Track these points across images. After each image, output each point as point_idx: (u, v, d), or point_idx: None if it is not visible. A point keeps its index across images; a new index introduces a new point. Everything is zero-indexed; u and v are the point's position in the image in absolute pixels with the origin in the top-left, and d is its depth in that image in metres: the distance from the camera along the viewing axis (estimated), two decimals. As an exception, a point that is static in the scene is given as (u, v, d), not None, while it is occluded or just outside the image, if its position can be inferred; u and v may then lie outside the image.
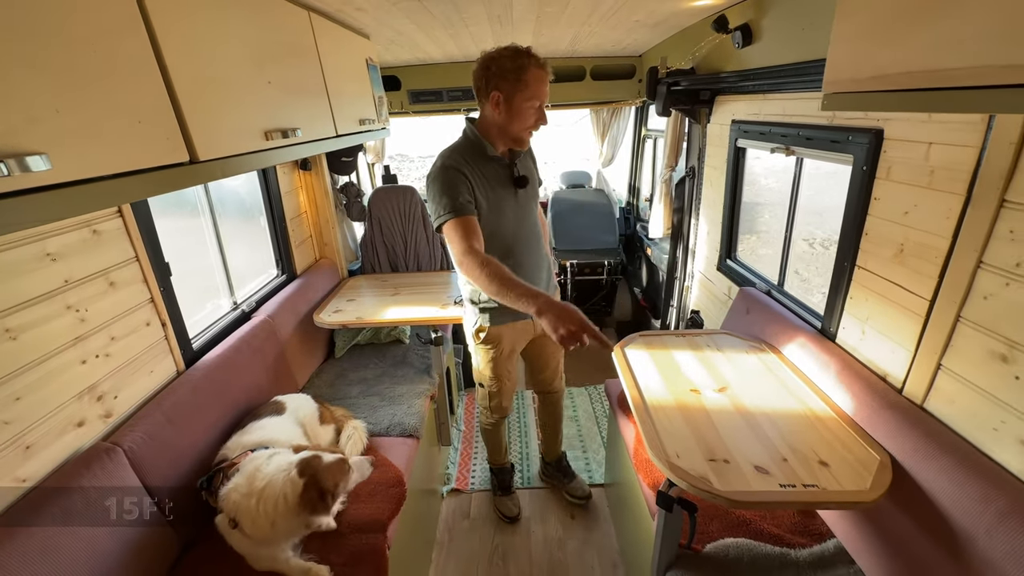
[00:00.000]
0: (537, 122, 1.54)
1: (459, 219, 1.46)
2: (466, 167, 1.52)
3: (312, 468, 1.25)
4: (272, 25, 1.28)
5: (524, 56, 1.46)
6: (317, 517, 1.23)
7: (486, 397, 1.97)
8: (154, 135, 0.81)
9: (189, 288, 1.62)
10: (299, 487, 1.21)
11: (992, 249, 0.98)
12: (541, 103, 1.51)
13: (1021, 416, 0.94)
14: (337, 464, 1.29)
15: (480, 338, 1.77)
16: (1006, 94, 0.53)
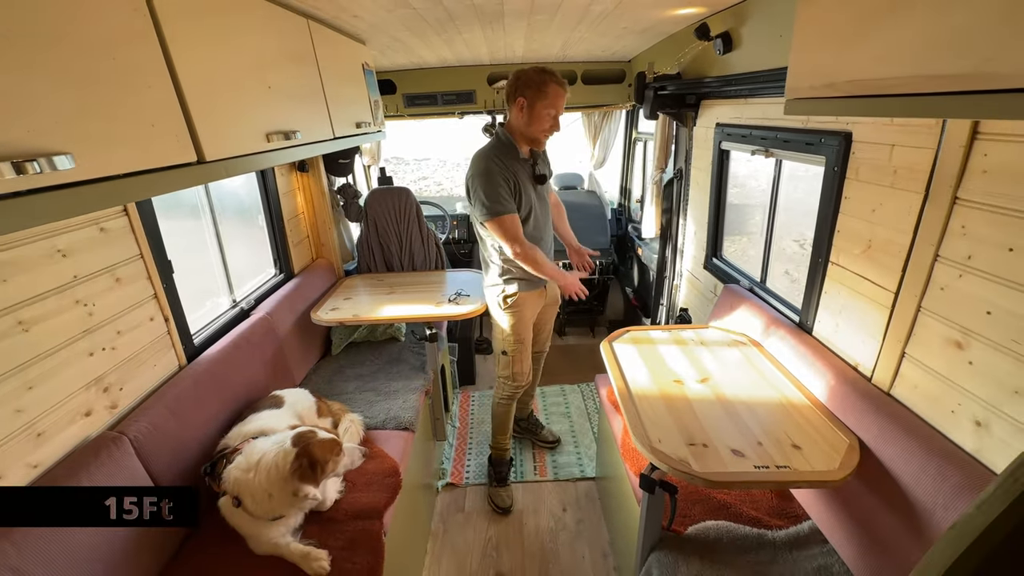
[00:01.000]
0: (551, 128, 1.85)
1: (508, 216, 1.81)
2: (505, 168, 1.83)
3: (304, 440, 1.32)
4: (273, 32, 1.34)
5: (548, 74, 1.78)
6: (305, 485, 1.26)
7: (508, 365, 2.14)
8: (166, 137, 0.86)
9: (190, 286, 1.67)
10: (291, 455, 1.28)
11: (947, 243, 1.06)
12: (557, 112, 1.82)
13: (974, 398, 1.01)
14: (329, 442, 1.35)
15: (508, 303, 2.02)
16: (935, 100, 0.60)
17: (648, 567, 1.32)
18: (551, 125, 1.83)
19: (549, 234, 2.08)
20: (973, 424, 1.02)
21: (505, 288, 2.00)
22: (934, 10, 0.58)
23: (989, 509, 0.44)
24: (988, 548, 0.44)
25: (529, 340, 2.14)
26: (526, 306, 2.05)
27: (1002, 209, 0.93)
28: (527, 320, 2.09)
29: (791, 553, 1.29)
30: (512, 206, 1.82)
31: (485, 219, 1.82)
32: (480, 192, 1.80)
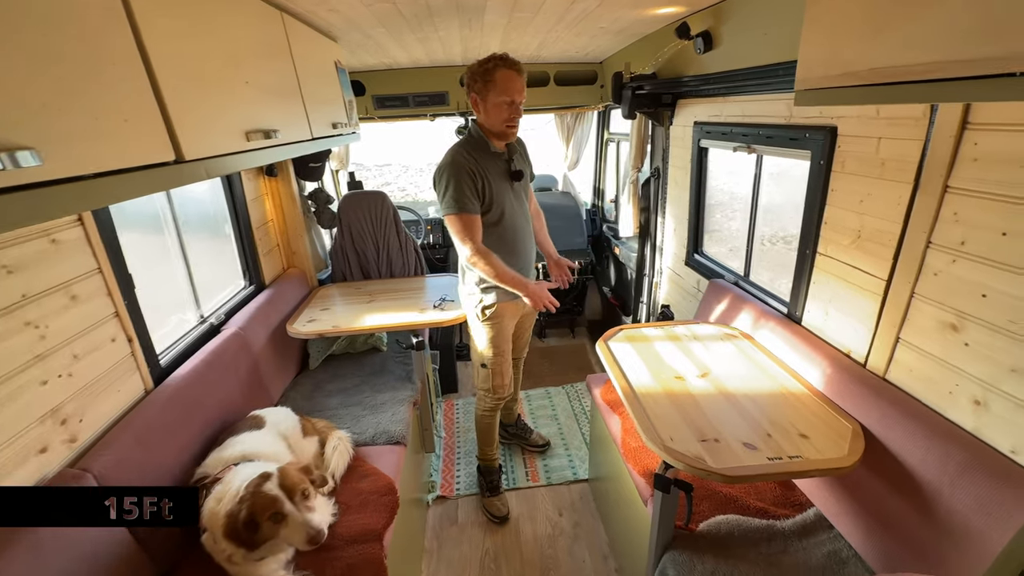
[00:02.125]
0: (511, 116, 1.72)
1: (464, 216, 1.70)
2: (474, 163, 1.72)
3: (252, 488, 1.14)
4: (247, 24, 1.24)
5: (494, 59, 1.67)
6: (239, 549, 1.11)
7: (488, 377, 2.05)
8: (141, 133, 0.77)
9: (152, 302, 1.53)
10: (235, 502, 1.12)
11: (939, 230, 1.10)
12: (512, 100, 1.69)
13: (971, 378, 1.05)
14: (267, 500, 1.14)
15: (486, 315, 1.92)
16: (963, 85, 0.61)
17: (662, 567, 1.30)
18: (509, 114, 1.70)
19: (530, 241, 1.95)
20: (972, 403, 1.06)
21: (483, 298, 1.89)
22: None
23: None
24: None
25: (509, 351, 2.06)
26: (505, 316, 1.95)
27: (994, 195, 0.97)
28: (507, 331, 2.00)
29: (800, 541, 1.30)
30: (474, 205, 1.70)
31: (443, 213, 1.74)
32: (442, 185, 1.71)
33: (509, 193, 1.82)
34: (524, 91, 1.71)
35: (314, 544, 1.15)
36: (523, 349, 2.33)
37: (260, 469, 1.23)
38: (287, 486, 1.18)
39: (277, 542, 1.16)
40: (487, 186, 1.74)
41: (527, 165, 1.96)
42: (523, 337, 2.27)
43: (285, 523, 1.14)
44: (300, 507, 1.16)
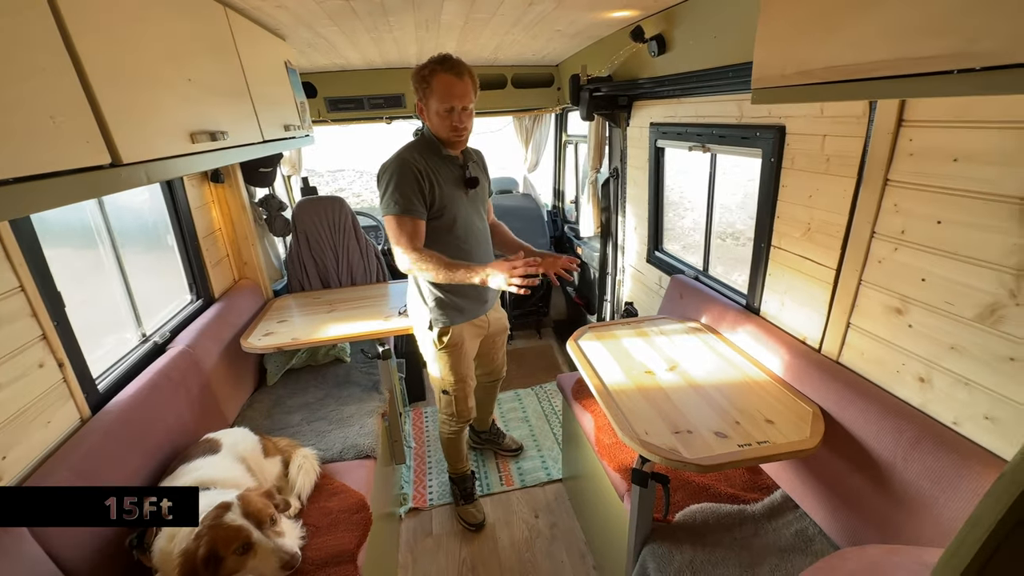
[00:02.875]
0: (455, 125, 1.58)
1: (405, 218, 1.56)
2: (422, 163, 1.60)
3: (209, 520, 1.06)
4: (188, 18, 1.16)
5: (432, 63, 1.53)
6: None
7: (451, 403, 1.94)
8: (71, 134, 0.69)
9: (85, 322, 1.39)
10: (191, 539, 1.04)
11: (882, 221, 1.17)
12: (455, 106, 1.55)
13: (916, 358, 1.13)
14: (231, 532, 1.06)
15: (443, 342, 1.78)
16: (916, 81, 0.65)
17: (642, 560, 1.32)
18: (452, 123, 1.56)
19: (488, 252, 1.81)
20: (917, 381, 1.13)
21: (434, 319, 1.73)
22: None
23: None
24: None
25: (471, 375, 1.92)
26: (465, 340, 1.80)
27: (929, 187, 1.05)
28: (467, 355, 1.85)
29: (770, 523, 1.36)
30: (417, 208, 1.56)
31: (383, 214, 1.59)
32: (384, 183, 1.57)
33: (463, 200, 1.69)
34: (469, 95, 1.56)
35: (289, 569, 1.08)
36: (500, 370, 2.19)
37: (216, 499, 1.14)
38: (252, 513, 1.10)
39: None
40: (436, 189, 1.60)
41: (484, 177, 1.82)
42: (496, 358, 2.12)
43: (253, 553, 1.06)
44: (268, 533, 1.08)
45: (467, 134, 1.66)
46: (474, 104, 1.62)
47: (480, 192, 1.77)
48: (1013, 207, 0.90)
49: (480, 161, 1.85)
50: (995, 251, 0.94)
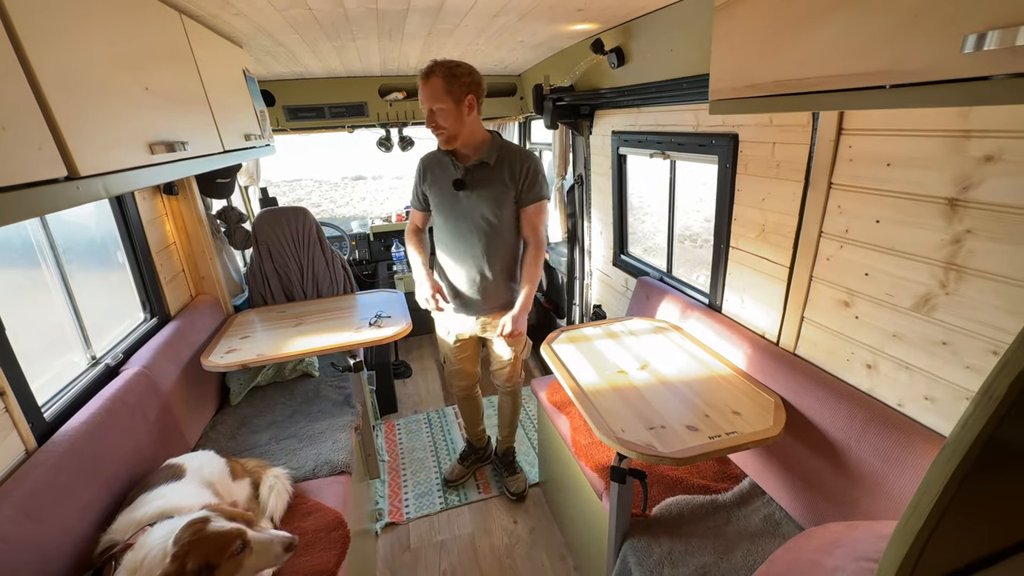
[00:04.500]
0: (431, 126, 1.73)
1: (412, 208, 2.01)
2: (431, 161, 1.88)
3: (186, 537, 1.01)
4: (143, 25, 1.11)
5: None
6: None
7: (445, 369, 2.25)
8: (23, 145, 0.65)
9: (26, 346, 1.29)
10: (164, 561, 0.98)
11: (828, 221, 1.27)
12: (424, 108, 1.70)
13: (863, 346, 1.23)
14: (220, 538, 1.03)
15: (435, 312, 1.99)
16: (852, 95, 0.72)
17: (623, 555, 1.35)
18: (428, 123, 1.71)
19: (469, 255, 1.87)
20: (865, 368, 1.23)
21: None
22: (849, 19, 0.69)
23: (972, 426, 0.52)
24: (975, 455, 0.51)
25: (453, 361, 2.18)
26: (440, 320, 2.09)
27: (867, 189, 1.15)
28: (445, 335, 2.12)
29: (740, 510, 1.42)
30: (417, 201, 1.96)
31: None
32: None
33: (454, 199, 1.81)
34: (435, 96, 1.64)
35: (292, 551, 1.09)
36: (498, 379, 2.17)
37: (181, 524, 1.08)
38: (236, 516, 1.08)
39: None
40: (430, 188, 1.86)
41: (502, 186, 1.77)
42: (493, 364, 2.16)
43: (250, 551, 1.04)
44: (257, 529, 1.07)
45: (446, 133, 1.71)
46: (448, 105, 1.65)
47: (478, 196, 1.79)
48: (939, 206, 1.00)
49: (511, 168, 1.77)
50: (926, 246, 1.04)
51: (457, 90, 1.65)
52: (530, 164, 1.78)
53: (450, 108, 1.66)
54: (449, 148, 1.77)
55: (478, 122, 1.76)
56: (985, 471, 0.52)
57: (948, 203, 0.98)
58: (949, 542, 0.48)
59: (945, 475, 0.51)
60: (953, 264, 0.99)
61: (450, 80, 1.63)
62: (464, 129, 1.72)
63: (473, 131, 1.75)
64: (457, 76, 1.64)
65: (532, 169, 1.78)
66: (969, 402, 0.40)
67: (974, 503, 0.48)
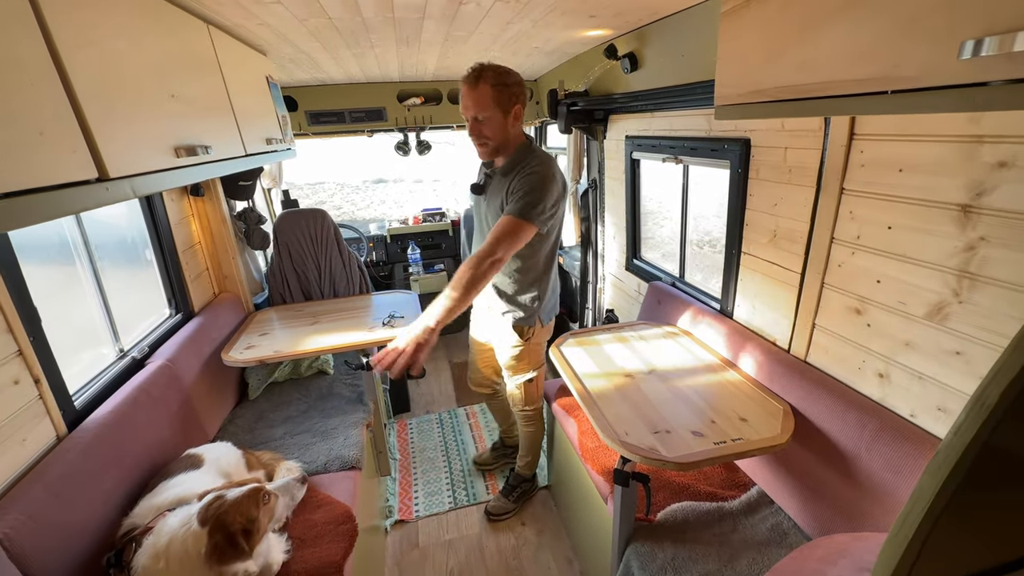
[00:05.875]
0: (471, 132, 1.65)
1: None
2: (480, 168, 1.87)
3: (213, 511, 1.10)
4: (171, 35, 1.18)
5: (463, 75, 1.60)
6: (232, 566, 1.07)
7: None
8: (58, 149, 0.70)
9: (61, 338, 1.37)
10: (201, 537, 1.07)
11: (840, 227, 1.25)
12: (465, 112, 1.63)
13: (875, 355, 1.21)
14: (246, 497, 1.14)
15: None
16: (848, 101, 0.72)
17: (626, 560, 1.35)
18: (470, 130, 1.63)
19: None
20: (877, 376, 1.21)
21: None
22: (849, 25, 0.69)
23: (965, 433, 0.51)
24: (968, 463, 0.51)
25: (472, 356, 2.23)
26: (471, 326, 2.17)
27: (879, 195, 1.13)
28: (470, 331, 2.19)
29: (747, 519, 1.41)
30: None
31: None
32: None
33: (476, 203, 1.87)
34: (479, 105, 1.55)
35: (306, 482, 1.33)
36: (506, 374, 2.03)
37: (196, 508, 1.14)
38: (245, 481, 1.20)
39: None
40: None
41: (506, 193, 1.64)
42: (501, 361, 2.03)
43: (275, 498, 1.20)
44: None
45: (492, 144, 1.63)
46: (496, 115, 1.57)
47: (490, 204, 1.75)
48: (952, 212, 0.98)
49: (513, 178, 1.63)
50: (939, 253, 1.02)
51: (506, 100, 1.56)
52: (526, 177, 1.58)
53: (497, 119, 1.58)
54: (489, 159, 1.70)
55: (518, 129, 1.68)
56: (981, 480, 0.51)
57: (961, 210, 0.96)
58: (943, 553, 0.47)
59: (937, 482, 0.51)
60: (966, 272, 0.97)
61: (500, 89, 1.54)
62: (508, 140, 1.64)
63: (515, 139, 1.67)
64: (508, 85, 1.56)
65: (524, 182, 1.57)
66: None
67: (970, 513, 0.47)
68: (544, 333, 1.93)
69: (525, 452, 2.22)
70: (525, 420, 2.11)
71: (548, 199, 1.58)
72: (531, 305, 1.82)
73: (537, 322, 1.86)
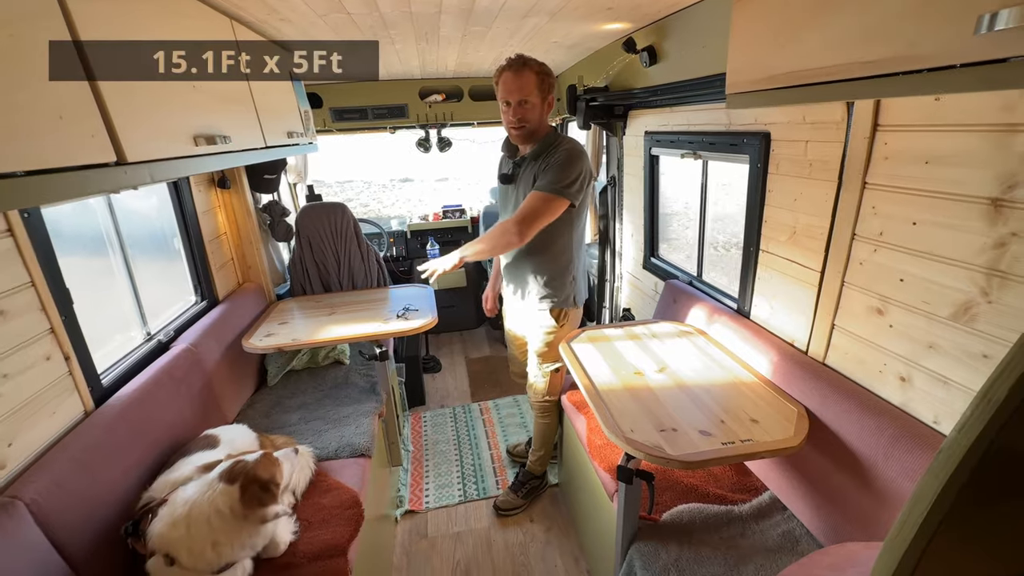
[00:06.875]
0: (508, 119, 1.72)
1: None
2: (502, 149, 1.92)
3: (239, 470, 1.20)
4: (195, 28, 1.23)
5: (502, 64, 1.68)
6: (268, 509, 1.17)
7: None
8: (78, 132, 0.74)
9: (93, 322, 1.44)
10: (235, 493, 1.16)
11: (861, 223, 1.20)
12: (508, 101, 1.69)
13: (897, 357, 1.15)
14: (263, 459, 1.24)
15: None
16: (862, 84, 0.69)
17: (629, 559, 1.33)
18: (506, 116, 1.71)
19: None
20: (898, 380, 1.15)
21: None
22: (860, 6, 0.66)
23: (970, 431, 0.48)
24: (974, 463, 0.47)
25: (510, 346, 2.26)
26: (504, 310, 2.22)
27: (904, 189, 1.08)
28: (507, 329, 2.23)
29: (757, 524, 1.36)
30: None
31: None
32: None
33: (504, 193, 1.90)
34: (525, 88, 1.64)
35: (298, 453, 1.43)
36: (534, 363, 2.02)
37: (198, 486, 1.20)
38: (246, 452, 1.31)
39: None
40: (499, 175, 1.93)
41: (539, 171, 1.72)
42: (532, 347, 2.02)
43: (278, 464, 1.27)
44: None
45: (529, 127, 1.71)
46: (538, 101, 1.67)
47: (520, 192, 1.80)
48: (981, 207, 0.92)
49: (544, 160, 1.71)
50: (966, 250, 0.96)
51: (547, 88, 1.69)
52: (556, 157, 1.66)
53: (538, 104, 1.69)
54: (524, 143, 1.79)
55: (547, 118, 1.79)
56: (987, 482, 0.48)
57: (991, 203, 0.90)
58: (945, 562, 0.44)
59: (939, 483, 0.48)
60: (996, 270, 0.91)
61: (543, 77, 1.67)
62: (542, 126, 1.75)
63: (544, 128, 1.78)
64: (547, 75, 1.69)
65: (553, 161, 1.66)
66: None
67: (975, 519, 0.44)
68: (576, 317, 1.98)
69: (538, 446, 2.21)
70: (542, 411, 2.12)
71: (576, 172, 1.67)
72: (567, 286, 1.89)
73: (572, 303, 1.92)
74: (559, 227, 1.76)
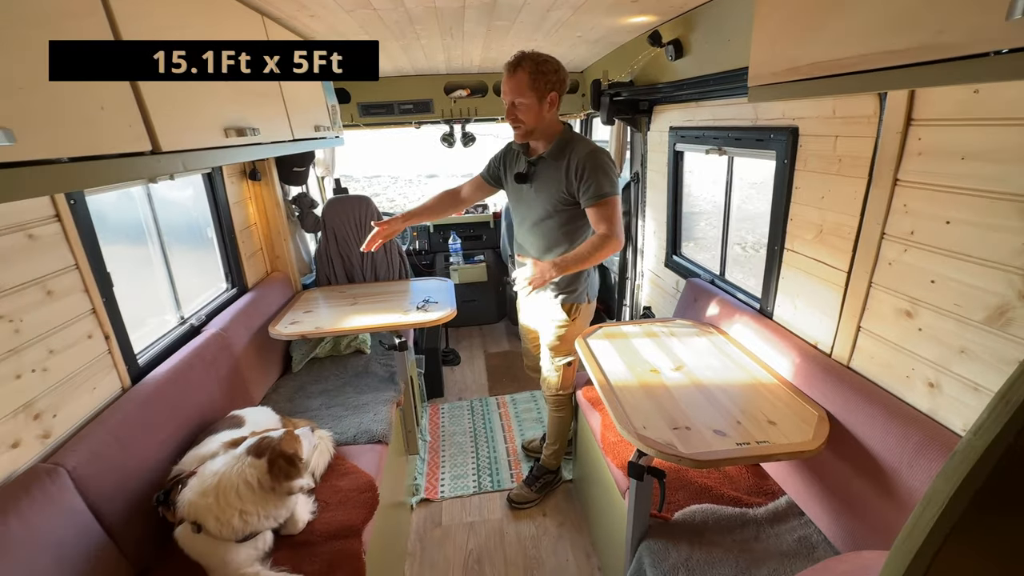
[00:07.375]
0: (509, 117, 1.73)
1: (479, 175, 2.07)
2: (510, 149, 1.95)
3: (266, 445, 1.27)
4: (227, 24, 1.28)
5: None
6: (295, 482, 1.25)
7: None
8: (117, 122, 0.79)
9: (131, 307, 1.53)
10: (263, 466, 1.23)
11: (891, 221, 1.15)
12: (505, 99, 1.71)
13: (926, 362, 1.10)
14: (287, 436, 1.32)
15: None
16: (889, 74, 0.66)
17: (639, 556, 1.32)
18: (507, 117, 1.71)
19: (526, 237, 1.93)
20: (927, 386, 1.10)
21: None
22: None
23: (986, 433, 0.46)
24: (989, 467, 0.46)
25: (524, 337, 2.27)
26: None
27: (937, 186, 1.03)
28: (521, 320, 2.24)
29: (772, 528, 1.33)
30: (484, 172, 2.02)
31: None
32: None
33: (518, 192, 1.88)
34: (516, 90, 1.63)
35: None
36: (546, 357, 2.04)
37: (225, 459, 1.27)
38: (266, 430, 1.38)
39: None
40: (504, 175, 1.95)
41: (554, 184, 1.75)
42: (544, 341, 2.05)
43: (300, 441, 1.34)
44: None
45: (524, 128, 1.71)
46: (531, 101, 1.65)
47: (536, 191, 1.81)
48: (1020, 205, 0.88)
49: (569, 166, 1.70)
50: (1003, 251, 0.91)
51: (541, 86, 1.64)
52: (586, 162, 1.66)
53: (532, 104, 1.65)
54: (524, 142, 1.81)
55: (555, 117, 1.75)
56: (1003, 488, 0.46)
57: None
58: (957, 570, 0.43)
59: (952, 486, 0.47)
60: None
61: (536, 76, 1.62)
62: (542, 125, 1.72)
63: (549, 126, 1.74)
64: (544, 72, 1.63)
65: (587, 167, 1.66)
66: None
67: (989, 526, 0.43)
68: (588, 313, 1.98)
69: (553, 440, 2.22)
70: (557, 405, 2.13)
71: (611, 171, 1.71)
72: (581, 281, 1.90)
73: (585, 298, 1.92)
74: (582, 224, 1.80)
